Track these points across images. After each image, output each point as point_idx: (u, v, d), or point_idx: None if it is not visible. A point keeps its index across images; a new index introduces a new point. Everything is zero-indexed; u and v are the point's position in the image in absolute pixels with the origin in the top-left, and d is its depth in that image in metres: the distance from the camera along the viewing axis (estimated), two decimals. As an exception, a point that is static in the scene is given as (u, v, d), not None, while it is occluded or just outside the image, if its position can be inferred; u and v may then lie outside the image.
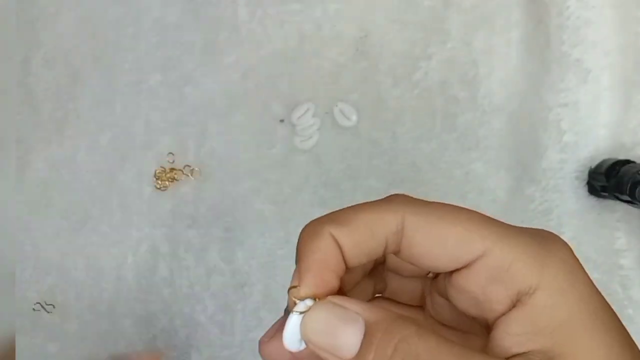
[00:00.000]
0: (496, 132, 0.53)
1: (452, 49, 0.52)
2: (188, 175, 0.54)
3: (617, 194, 0.50)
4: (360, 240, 0.24)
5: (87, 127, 0.56)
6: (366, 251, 0.25)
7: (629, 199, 0.49)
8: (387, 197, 0.26)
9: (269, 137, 0.54)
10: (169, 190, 0.55)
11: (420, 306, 0.30)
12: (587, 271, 0.24)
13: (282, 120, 0.54)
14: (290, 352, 0.24)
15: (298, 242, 0.25)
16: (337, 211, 0.26)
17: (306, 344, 0.24)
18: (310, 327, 0.23)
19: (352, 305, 0.23)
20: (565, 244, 0.24)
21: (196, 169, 0.54)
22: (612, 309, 0.24)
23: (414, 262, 0.25)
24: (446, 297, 0.27)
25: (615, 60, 0.52)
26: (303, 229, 0.26)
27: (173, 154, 0.55)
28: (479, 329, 0.27)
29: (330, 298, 0.24)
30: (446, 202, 0.25)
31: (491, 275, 0.23)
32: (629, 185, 0.49)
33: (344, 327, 0.23)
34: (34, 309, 0.56)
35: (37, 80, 0.56)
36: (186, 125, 0.55)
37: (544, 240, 0.24)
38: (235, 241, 0.54)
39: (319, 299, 0.24)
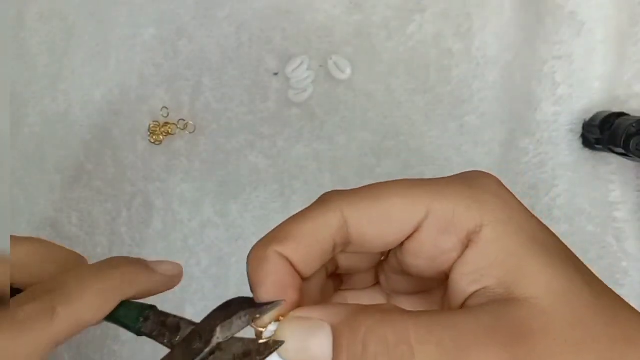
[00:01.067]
0: (490, 84, 0.52)
1: (446, 2, 0.52)
2: (182, 129, 0.54)
3: (611, 147, 0.50)
4: (309, 250, 0.25)
5: (81, 81, 0.55)
6: (317, 257, 0.25)
7: (623, 151, 0.49)
8: (320, 198, 0.26)
9: (263, 91, 0.54)
10: (163, 144, 0.55)
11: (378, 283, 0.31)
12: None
13: (276, 74, 0.54)
14: None
15: (248, 270, 0.25)
16: (277, 228, 0.26)
17: None
18: (283, 349, 0.24)
19: (315, 313, 0.24)
20: (493, 177, 0.26)
21: (190, 123, 0.54)
22: (549, 231, 0.25)
23: (366, 250, 0.26)
24: (399, 272, 0.28)
25: (609, 13, 0.51)
26: (249, 255, 0.25)
27: (167, 108, 0.55)
28: (437, 285, 0.28)
29: (292, 314, 0.24)
30: (376, 183, 0.26)
31: (439, 229, 0.24)
32: (623, 137, 0.49)
33: (313, 338, 0.23)
34: (28, 264, 0.56)
35: (31, 35, 0.56)
36: (180, 80, 0.55)
37: (475, 182, 0.25)
38: (230, 195, 0.54)
39: (283, 317, 0.24)
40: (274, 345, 0.23)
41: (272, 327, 0.24)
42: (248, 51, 0.54)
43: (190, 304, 0.54)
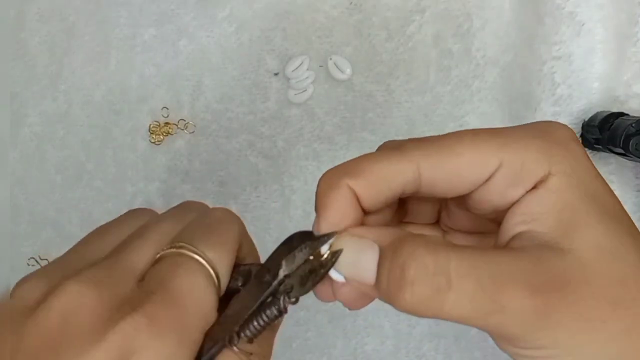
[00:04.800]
0: (490, 84, 0.53)
1: (445, 2, 0.52)
2: (182, 130, 0.54)
3: (610, 147, 0.50)
4: (378, 191, 0.26)
5: (82, 81, 0.56)
6: (384, 198, 0.26)
7: (622, 151, 0.49)
8: (397, 145, 0.27)
9: (263, 91, 0.54)
10: (164, 144, 0.55)
11: (437, 223, 0.32)
12: (602, 177, 0.25)
13: (276, 74, 0.54)
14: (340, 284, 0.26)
15: (316, 194, 0.26)
16: (352, 162, 0.26)
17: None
18: (340, 263, 0.25)
19: (367, 233, 0.25)
20: (567, 130, 0.26)
21: (190, 123, 0.54)
22: (611, 191, 0.25)
23: (436, 195, 0.27)
24: (462, 207, 0.29)
25: (608, 13, 0.51)
26: (320, 180, 0.26)
27: (167, 108, 0.55)
28: (495, 227, 0.28)
29: (347, 231, 0.26)
30: (450, 133, 0.26)
31: (508, 181, 0.25)
32: (622, 137, 0.49)
33: (362, 255, 0.25)
34: (28, 264, 0.56)
35: (31, 35, 0.56)
36: (180, 80, 0.55)
37: (548, 132, 0.25)
38: (229, 195, 0.54)
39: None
40: (334, 256, 0.25)
41: (329, 242, 0.26)
42: (248, 51, 0.54)
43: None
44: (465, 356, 0.53)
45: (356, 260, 0.25)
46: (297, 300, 0.26)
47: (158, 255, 0.25)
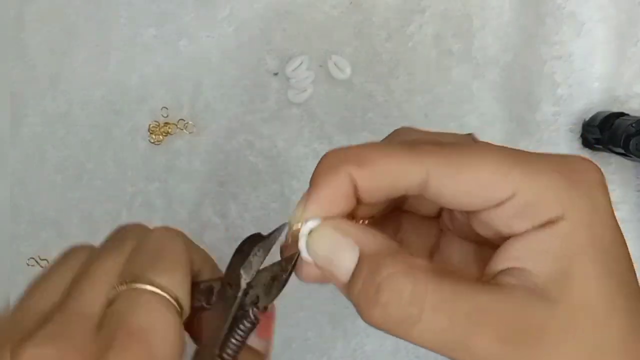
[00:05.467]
0: (490, 84, 0.53)
1: (445, 2, 0.52)
2: (182, 130, 0.54)
3: (610, 147, 0.50)
4: (379, 187, 0.24)
5: (82, 81, 0.56)
6: (382, 195, 0.25)
7: (622, 151, 0.49)
8: (410, 142, 0.25)
9: (263, 91, 0.54)
10: (163, 144, 0.55)
11: (436, 217, 0.30)
12: (618, 230, 0.23)
13: (276, 74, 0.54)
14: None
15: (314, 172, 0.25)
16: (359, 148, 0.25)
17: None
18: (313, 246, 0.24)
19: (351, 230, 0.24)
20: (595, 172, 0.24)
21: (190, 123, 0.54)
22: (623, 245, 0.24)
23: (438, 203, 0.25)
24: (465, 217, 0.27)
25: (609, 13, 0.51)
26: (322, 159, 0.25)
27: (167, 108, 0.55)
28: (493, 242, 0.27)
29: (334, 221, 0.24)
30: (469, 146, 0.24)
31: (518, 211, 0.23)
32: (623, 137, 0.49)
33: (339, 254, 0.24)
34: (28, 264, 0.56)
35: (31, 35, 0.56)
36: (180, 79, 0.55)
37: (574, 172, 0.24)
38: (229, 195, 0.54)
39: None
40: (292, 259, 0.25)
41: (311, 224, 0.25)
42: (248, 51, 0.54)
43: (190, 303, 0.54)
44: (465, 356, 0.53)
45: (333, 256, 0.24)
46: (266, 309, 0.25)
47: (111, 296, 0.24)
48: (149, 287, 0.24)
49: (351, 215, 0.26)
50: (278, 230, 0.26)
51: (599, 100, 0.52)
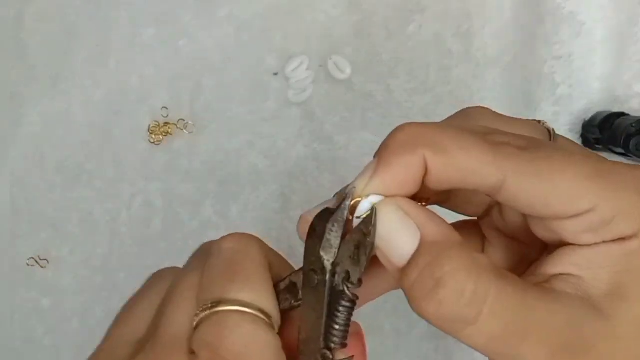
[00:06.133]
0: (490, 84, 0.53)
1: (445, 2, 0.52)
2: (182, 130, 0.54)
3: (610, 147, 0.50)
4: (451, 177, 0.23)
5: (81, 81, 0.55)
6: (451, 186, 0.23)
7: (622, 151, 0.49)
8: (492, 141, 0.23)
9: (263, 91, 0.54)
10: (163, 144, 0.55)
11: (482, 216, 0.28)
12: None
13: (276, 74, 0.54)
14: None
15: (385, 145, 0.23)
16: (437, 131, 0.23)
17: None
18: (378, 228, 0.23)
19: (415, 213, 0.23)
20: None
21: (190, 123, 0.54)
22: None
23: (512, 207, 0.24)
24: (523, 218, 0.26)
25: (609, 13, 0.52)
26: (396, 133, 0.23)
27: (167, 108, 0.55)
28: (540, 244, 0.26)
29: (398, 199, 0.23)
30: (550, 152, 0.23)
31: (592, 227, 0.23)
32: (623, 137, 0.49)
33: (399, 235, 0.22)
34: (27, 264, 0.56)
35: (31, 35, 0.56)
36: (180, 79, 0.55)
37: None
38: (229, 195, 0.54)
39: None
40: (369, 221, 0.23)
41: (373, 199, 0.23)
42: (248, 51, 0.54)
43: (190, 303, 0.54)
44: (466, 356, 0.53)
45: (392, 236, 0.22)
46: (360, 282, 0.23)
47: (196, 320, 0.23)
48: (232, 307, 0.23)
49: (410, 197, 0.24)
50: (344, 201, 0.23)
51: (599, 100, 0.52)
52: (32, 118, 0.56)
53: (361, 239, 0.23)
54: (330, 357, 0.23)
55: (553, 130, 0.31)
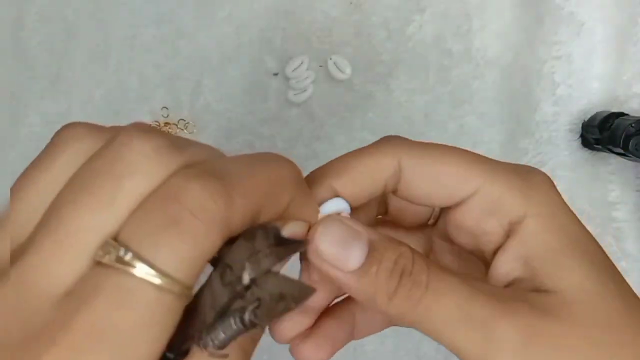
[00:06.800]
0: (490, 85, 0.53)
1: (445, 2, 0.52)
2: (182, 130, 0.54)
3: (610, 147, 0.50)
4: (360, 188, 0.26)
5: (81, 82, 0.55)
6: (366, 195, 0.26)
7: (622, 151, 0.49)
8: (382, 140, 0.27)
9: (263, 91, 0.54)
10: (163, 144, 0.55)
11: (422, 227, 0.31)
12: (581, 223, 0.25)
13: (275, 74, 0.54)
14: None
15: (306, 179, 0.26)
16: (334, 161, 0.27)
17: (311, 258, 0.25)
18: (323, 238, 0.24)
19: (355, 223, 0.25)
20: (546, 176, 0.26)
21: (190, 123, 0.54)
22: (590, 235, 0.25)
23: (412, 200, 0.27)
24: (445, 239, 0.29)
25: (608, 13, 0.52)
26: (309, 175, 0.27)
27: (167, 108, 0.55)
28: (479, 269, 0.28)
29: (336, 215, 0.25)
30: (438, 143, 0.26)
31: (484, 209, 0.25)
32: (622, 137, 0.49)
33: (353, 242, 0.24)
34: (28, 264, 0.56)
35: (31, 35, 0.56)
36: (180, 80, 0.55)
37: (528, 175, 0.26)
38: (229, 195, 0.54)
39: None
40: (308, 293, 0.23)
41: (333, 204, 0.26)
42: (248, 51, 0.54)
43: (190, 303, 0.54)
44: (465, 356, 0.53)
45: (344, 243, 0.24)
46: (261, 326, 0.23)
47: (96, 257, 0.18)
48: (138, 271, 0.18)
49: None
50: (296, 246, 0.24)
51: (598, 100, 0.52)
52: (32, 118, 0.56)
53: (289, 296, 0.23)
54: (206, 345, 0.21)
55: None
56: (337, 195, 0.26)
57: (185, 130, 0.54)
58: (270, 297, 0.22)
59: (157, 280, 0.18)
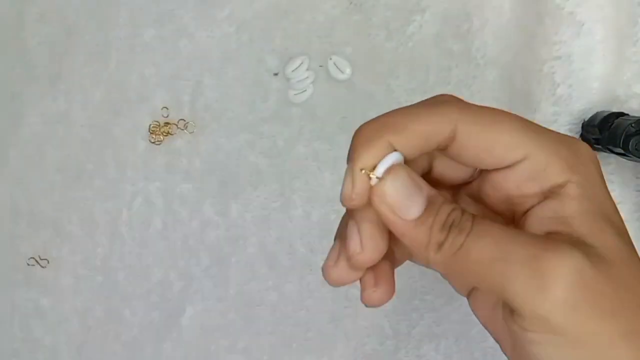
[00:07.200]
0: (490, 85, 0.53)
1: (445, 2, 0.52)
2: (182, 129, 0.54)
3: (610, 147, 0.50)
4: (415, 146, 0.27)
5: (82, 81, 0.56)
6: (419, 152, 0.27)
7: (622, 151, 0.49)
8: (437, 98, 0.27)
9: (263, 91, 0.54)
10: (164, 144, 0.55)
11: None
12: (611, 197, 0.27)
13: (276, 74, 0.54)
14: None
15: (352, 146, 0.27)
16: (390, 115, 0.27)
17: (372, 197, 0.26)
18: (391, 184, 0.26)
19: (418, 177, 0.27)
20: (589, 149, 0.27)
21: (191, 122, 0.54)
22: (620, 215, 0.27)
23: (460, 161, 0.28)
24: (476, 198, 0.30)
25: (608, 13, 0.51)
26: (358, 132, 0.27)
27: (167, 108, 0.55)
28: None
29: (404, 165, 0.27)
30: (491, 107, 0.27)
31: (529, 175, 0.26)
32: (622, 137, 0.49)
33: (416, 193, 0.26)
34: (28, 264, 0.56)
35: (31, 35, 0.56)
36: (180, 79, 0.55)
37: (573, 145, 0.27)
38: (230, 195, 0.54)
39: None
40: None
41: (393, 157, 0.26)
42: (248, 51, 0.54)
43: (190, 303, 0.54)
44: (465, 356, 0.53)
45: (409, 192, 0.26)
46: None
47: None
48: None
49: None
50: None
51: (598, 100, 0.52)
52: (32, 118, 0.56)
53: None
54: None
55: None
56: (394, 150, 0.26)
57: (185, 130, 0.54)
58: None
59: None
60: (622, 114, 0.50)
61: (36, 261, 0.56)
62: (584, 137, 0.52)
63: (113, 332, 0.55)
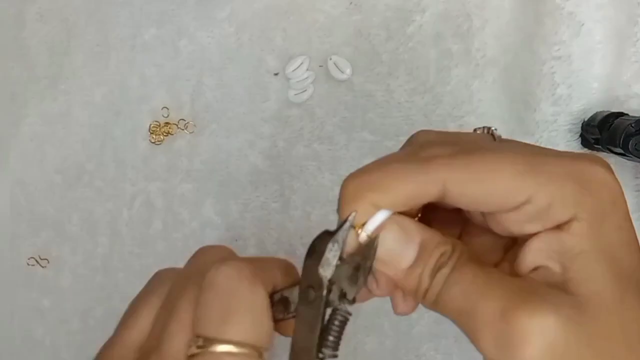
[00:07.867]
0: (490, 85, 0.53)
1: (445, 2, 0.53)
2: (183, 130, 0.54)
3: (609, 147, 0.50)
4: (402, 205, 0.26)
5: (82, 81, 0.56)
6: (407, 208, 0.27)
7: (621, 151, 0.49)
8: (424, 159, 0.26)
9: (263, 91, 0.54)
10: (164, 144, 0.55)
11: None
12: (627, 225, 0.25)
13: (276, 74, 0.54)
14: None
15: (340, 198, 0.27)
16: (376, 174, 0.26)
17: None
18: (382, 242, 0.26)
19: (410, 225, 0.27)
20: (603, 171, 0.25)
21: (191, 123, 0.54)
22: (631, 245, 0.25)
23: (457, 207, 0.27)
24: (475, 221, 0.29)
25: (608, 13, 0.51)
26: (343, 191, 0.27)
27: (168, 108, 0.55)
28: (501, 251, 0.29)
29: (394, 217, 0.26)
30: (484, 155, 0.26)
31: (531, 216, 0.25)
32: (622, 137, 0.49)
33: (406, 245, 0.26)
34: (28, 264, 0.56)
35: (31, 35, 0.56)
36: (181, 80, 0.55)
37: (586, 175, 0.25)
38: (230, 195, 0.54)
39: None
40: (372, 246, 0.26)
41: (370, 226, 0.26)
42: (248, 51, 0.54)
43: (191, 303, 0.54)
44: (465, 356, 0.53)
45: (401, 247, 0.26)
46: (354, 300, 0.26)
47: (190, 351, 0.26)
48: (224, 349, 0.26)
49: None
50: (344, 223, 0.26)
51: (598, 100, 0.52)
52: (32, 118, 0.56)
53: (360, 262, 0.26)
54: None
55: (499, 135, 0.33)
56: (379, 208, 0.26)
57: (185, 130, 0.54)
58: (349, 278, 0.26)
59: (235, 349, 0.26)
60: (621, 114, 0.50)
61: (36, 261, 0.56)
62: (583, 137, 0.52)
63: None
